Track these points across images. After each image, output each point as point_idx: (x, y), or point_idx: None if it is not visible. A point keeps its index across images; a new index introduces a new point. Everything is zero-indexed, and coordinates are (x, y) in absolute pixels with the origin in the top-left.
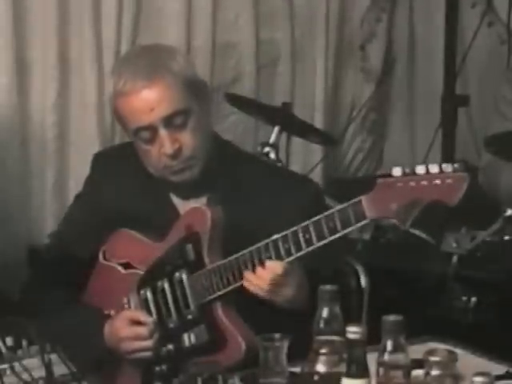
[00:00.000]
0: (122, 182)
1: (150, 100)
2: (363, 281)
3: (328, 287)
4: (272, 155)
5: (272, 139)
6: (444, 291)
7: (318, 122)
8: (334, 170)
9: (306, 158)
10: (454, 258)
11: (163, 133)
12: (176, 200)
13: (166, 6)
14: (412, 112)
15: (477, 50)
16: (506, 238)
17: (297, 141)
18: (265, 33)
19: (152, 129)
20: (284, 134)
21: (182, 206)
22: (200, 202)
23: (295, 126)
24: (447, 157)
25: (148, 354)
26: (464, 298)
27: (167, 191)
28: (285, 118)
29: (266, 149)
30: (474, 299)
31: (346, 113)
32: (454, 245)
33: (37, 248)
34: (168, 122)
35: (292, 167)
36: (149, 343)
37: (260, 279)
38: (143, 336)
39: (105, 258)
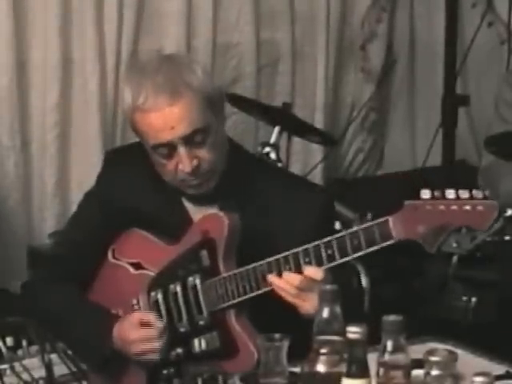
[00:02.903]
0: (134, 181)
1: (170, 118)
2: (364, 280)
3: (328, 287)
4: (272, 155)
5: (272, 139)
6: (444, 291)
7: (318, 122)
8: (334, 170)
9: (306, 158)
10: (454, 258)
11: (182, 150)
12: (187, 204)
13: (167, 6)
14: (412, 112)
15: (477, 50)
16: (506, 238)
17: (297, 141)
18: (265, 33)
19: (171, 146)
20: (284, 133)
21: (194, 210)
22: (212, 209)
23: (295, 126)
24: (447, 157)
25: (157, 356)
26: (464, 298)
27: (179, 196)
28: (285, 118)
29: (267, 149)
30: (474, 299)
31: (346, 113)
32: (454, 245)
33: (37, 248)
34: (187, 140)
35: (292, 167)
36: (158, 344)
37: (287, 283)
38: (153, 337)
39: (114, 257)
